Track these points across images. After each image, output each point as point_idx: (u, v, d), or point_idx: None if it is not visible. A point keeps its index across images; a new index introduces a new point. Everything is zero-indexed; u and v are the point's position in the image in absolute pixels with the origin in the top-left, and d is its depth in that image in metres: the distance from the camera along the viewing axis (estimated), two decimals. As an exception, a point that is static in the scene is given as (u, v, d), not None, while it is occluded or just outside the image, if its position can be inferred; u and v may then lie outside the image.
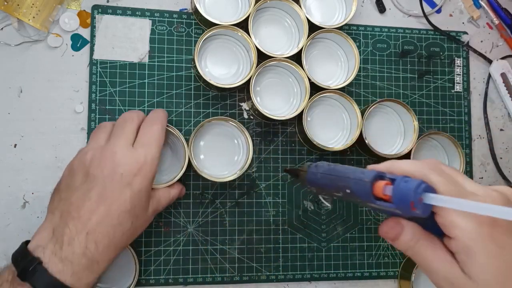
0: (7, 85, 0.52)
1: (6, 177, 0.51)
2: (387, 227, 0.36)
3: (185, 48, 0.56)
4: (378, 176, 0.33)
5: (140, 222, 0.44)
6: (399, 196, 0.31)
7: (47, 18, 0.53)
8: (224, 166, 0.54)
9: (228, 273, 0.54)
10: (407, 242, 0.35)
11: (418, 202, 0.30)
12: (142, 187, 0.43)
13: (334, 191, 0.36)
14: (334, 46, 0.59)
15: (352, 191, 0.34)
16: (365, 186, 0.33)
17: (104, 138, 0.45)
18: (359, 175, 0.34)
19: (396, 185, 0.31)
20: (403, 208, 0.31)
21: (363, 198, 0.33)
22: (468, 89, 0.63)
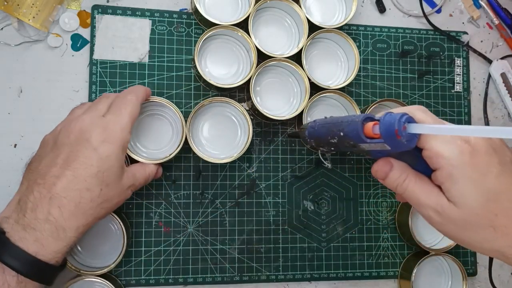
0: (7, 85, 0.52)
1: (6, 177, 0.51)
2: (377, 165, 0.38)
3: (185, 48, 0.56)
4: (368, 117, 0.36)
5: (112, 193, 0.42)
6: (384, 127, 0.33)
7: (47, 18, 0.53)
8: (224, 147, 0.54)
9: (228, 273, 0.54)
10: (396, 179, 0.37)
11: (402, 130, 0.32)
12: (110, 154, 0.41)
13: (330, 137, 0.39)
14: (334, 46, 0.59)
15: (345, 133, 0.37)
16: (356, 126, 0.35)
17: (79, 113, 0.45)
18: (351, 118, 0.37)
19: (382, 119, 0.34)
20: (390, 138, 0.33)
21: (354, 138, 0.36)
22: (468, 89, 0.63)
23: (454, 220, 0.34)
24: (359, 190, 0.59)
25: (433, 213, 0.35)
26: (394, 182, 0.37)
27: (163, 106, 0.51)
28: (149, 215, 0.53)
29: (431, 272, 0.58)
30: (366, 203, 0.58)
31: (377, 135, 0.34)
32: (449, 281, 0.58)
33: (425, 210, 0.36)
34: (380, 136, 0.34)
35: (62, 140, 0.42)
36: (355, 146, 0.37)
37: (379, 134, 0.34)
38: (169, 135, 0.52)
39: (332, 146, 0.40)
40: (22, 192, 0.40)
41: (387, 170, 0.37)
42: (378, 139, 0.34)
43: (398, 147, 0.34)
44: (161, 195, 0.54)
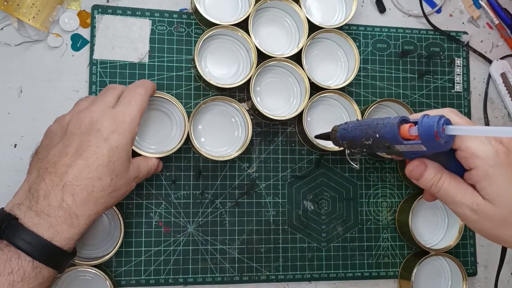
0: (7, 85, 0.52)
1: (6, 177, 0.51)
2: (412, 166, 0.39)
3: (185, 48, 0.56)
4: (403, 120, 0.37)
5: (121, 183, 0.43)
6: (424, 128, 0.34)
7: (47, 18, 0.53)
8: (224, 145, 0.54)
9: (228, 273, 0.54)
10: (431, 179, 0.38)
11: (441, 132, 0.34)
12: (120, 144, 0.42)
13: (365, 139, 0.39)
14: (334, 46, 0.59)
15: (380, 135, 0.37)
16: (393, 128, 0.36)
17: (85, 105, 0.45)
18: (387, 120, 0.38)
19: (420, 121, 0.35)
20: (428, 140, 0.34)
21: (390, 140, 0.37)
22: (468, 89, 0.63)
23: (490, 217, 0.36)
24: (359, 190, 0.59)
25: (469, 211, 0.37)
26: (429, 181, 0.38)
27: (166, 102, 0.52)
28: (149, 215, 0.53)
29: (431, 272, 0.58)
30: (366, 203, 0.58)
31: (413, 137, 0.35)
32: (449, 281, 0.58)
33: (460, 208, 0.37)
34: (418, 137, 0.35)
35: (72, 130, 0.42)
36: (390, 147, 0.38)
37: (416, 136, 0.35)
38: (171, 130, 0.53)
39: (365, 147, 0.41)
40: (32, 181, 0.41)
41: (422, 170, 0.38)
42: (415, 141, 0.35)
43: (435, 148, 0.35)
44: (161, 195, 0.54)
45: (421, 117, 0.35)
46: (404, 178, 0.59)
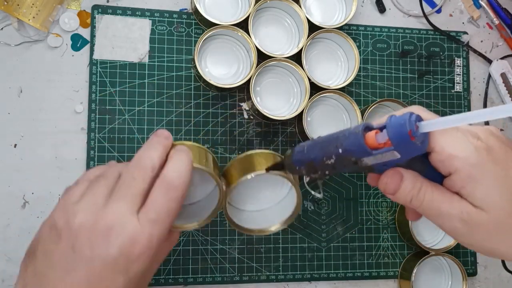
0: (7, 85, 0.52)
1: (6, 177, 0.51)
2: (386, 177, 0.33)
3: (185, 48, 0.56)
4: (367, 127, 0.31)
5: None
6: (394, 130, 0.29)
7: (47, 18, 0.53)
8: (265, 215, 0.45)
9: (228, 273, 0.54)
10: (409, 191, 0.32)
11: (415, 130, 0.29)
12: (139, 272, 0.33)
13: (326, 157, 0.33)
14: (334, 46, 0.59)
15: (344, 149, 0.32)
16: (357, 137, 0.31)
17: (103, 194, 0.34)
18: (348, 130, 0.32)
19: (388, 123, 0.29)
20: (402, 142, 0.29)
21: (357, 153, 0.31)
22: (468, 89, 0.63)
23: (485, 226, 0.30)
24: (359, 190, 0.59)
25: (459, 223, 0.31)
26: (407, 194, 0.32)
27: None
28: (149, 215, 0.53)
29: (431, 272, 0.58)
30: (366, 203, 0.58)
31: (382, 144, 0.30)
32: (449, 281, 0.58)
33: (448, 221, 0.31)
34: (390, 142, 0.29)
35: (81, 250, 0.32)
36: (357, 162, 0.32)
37: (385, 142, 0.30)
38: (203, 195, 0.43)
39: (328, 169, 0.34)
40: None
41: (397, 181, 0.32)
42: (386, 148, 0.30)
43: (410, 153, 0.30)
44: (161, 195, 0.54)
45: (387, 118, 0.30)
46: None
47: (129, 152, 0.53)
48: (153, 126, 0.54)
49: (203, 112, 0.56)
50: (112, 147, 0.53)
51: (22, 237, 0.51)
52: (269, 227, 0.43)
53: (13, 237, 0.51)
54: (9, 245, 0.50)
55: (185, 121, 0.55)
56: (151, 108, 0.54)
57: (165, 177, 0.35)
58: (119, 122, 0.54)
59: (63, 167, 0.52)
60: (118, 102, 0.54)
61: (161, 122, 0.55)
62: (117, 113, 0.54)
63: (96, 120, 0.53)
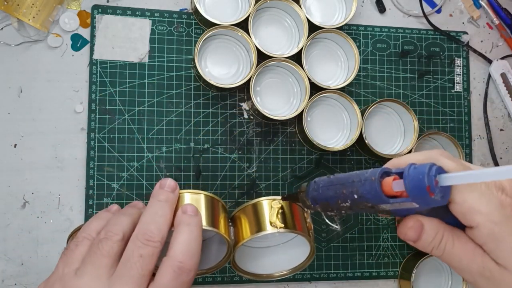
0: (7, 85, 0.52)
1: (6, 177, 0.51)
2: (405, 227, 0.32)
3: (185, 48, 0.56)
4: (384, 172, 0.30)
5: None
6: (413, 184, 0.28)
7: (47, 18, 0.53)
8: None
9: (228, 273, 0.54)
10: (431, 241, 0.31)
11: (434, 185, 0.27)
12: None
13: (341, 201, 0.33)
14: (334, 46, 0.59)
15: (360, 195, 0.31)
16: (373, 185, 0.30)
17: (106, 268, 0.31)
18: (363, 176, 0.31)
19: (407, 174, 0.28)
20: (420, 196, 0.28)
21: (373, 200, 0.30)
22: (468, 89, 0.63)
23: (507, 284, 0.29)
24: (359, 190, 0.58)
25: (480, 278, 0.30)
26: (428, 245, 0.31)
27: None
28: (149, 215, 0.53)
29: (431, 272, 0.58)
30: (366, 203, 0.58)
31: (399, 193, 0.29)
32: (449, 281, 0.58)
33: (469, 275, 0.30)
34: (406, 194, 0.28)
35: None
36: (374, 207, 0.31)
37: (403, 192, 0.28)
38: None
39: (343, 209, 0.33)
40: None
41: (418, 231, 0.31)
42: (403, 198, 0.29)
43: (429, 204, 0.29)
44: (161, 195, 0.54)
45: (407, 167, 0.28)
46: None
47: (129, 152, 0.53)
48: (153, 126, 0.54)
49: (203, 112, 0.56)
50: (112, 147, 0.53)
51: (22, 237, 0.51)
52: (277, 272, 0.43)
53: (13, 237, 0.51)
54: (9, 245, 0.50)
55: (185, 121, 0.55)
56: (151, 108, 0.54)
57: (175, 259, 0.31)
58: (119, 122, 0.54)
59: (63, 167, 0.52)
60: (118, 102, 0.54)
61: (161, 122, 0.55)
62: (117, 113, 0.54)
63: (96, 120, 0.53)
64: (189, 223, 0.33)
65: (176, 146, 0.55)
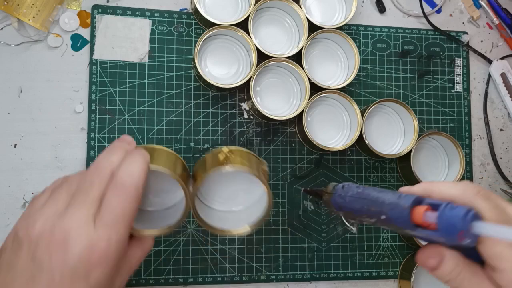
0: (7, 85, 0.52)
1: (6, 177, 0.51)
2: (425, 256, 0.33)
3: (185, 48, 0.56)
4: (417, 201, 0.30)
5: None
6: (445, 224, 0.28)
7: (47, 18, 0.53)
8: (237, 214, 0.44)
9: (228, 273, 0.54)
10: (449, 273, 0.32)
11: (467, 232, 0.28)
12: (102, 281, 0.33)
13: (366, 216, 0.33)
14: (334, 46, 0.59)
15: (388, 218, 0.31)
16: (403, 213, 0.30)
17: (63, 201, 0.34)
18: (395, 200, 0.31)
19: (441, 213, 0.28)
20: (450, 238, 0.28)
21: (400, 225, 0.31)
22: (468, 89, 0.63)
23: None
24: (359, 190, 0.58)
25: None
26: (446, 276, 0.32)
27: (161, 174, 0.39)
28: (149, 215, 0.53)
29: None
30: (366, 203, 0.58)
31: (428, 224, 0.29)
32: (449, 281, 0.58)
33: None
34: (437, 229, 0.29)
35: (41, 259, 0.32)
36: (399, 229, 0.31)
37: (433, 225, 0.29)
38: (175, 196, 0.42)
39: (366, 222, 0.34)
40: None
41: (437, 262, 0.32)
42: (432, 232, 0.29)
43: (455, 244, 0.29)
44: (161, 195, 0.54)
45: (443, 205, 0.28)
46: (404, 179, 0.59)
47: (129, 152, 0.53)
48: (153, 126, 0.54)
49: (203, 112, 0.56)
50: (112, 147, 0.53)
51: (22, 237, 0.51)
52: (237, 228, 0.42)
53: (13, 237, 0.51)
54: (9, 245, 0.50)
55: (185, 121, 0.55)
56: (151, 108, 0.54)
57: (116, 179, 0.34)
58: (119, 122, 0.54)
59: (63, 167, 0.52)
60: (118, 102, 0.54)
61: (161, 122, 0.55)
62: (117, 113, 0.54)
63: (96, 120, 0.53)
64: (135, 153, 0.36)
65: (176, 146, 0.55)
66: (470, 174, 0.62)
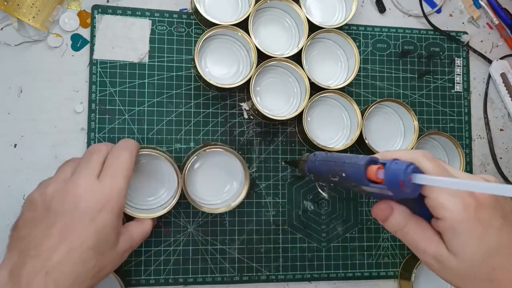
0: (7, 85, 0.52)
1: (6, 177, 0.51)
2: (377, 208, 0.38)
3: (185, 48, 0.56)
4: (372, 161, 0.35)
5: (107, 261, 0.41)
6: (389, 176, 0.33)
7: (47, 18, 0.53)
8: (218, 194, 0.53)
9: (228, 273, 0.54)
10: (396, 224, 0.37)
11: (407, 181, 0.32)
12: (108, 223, 0.40)
13: (331, 175, 0.39)
14: (334, 46, 0.59)
15: (347, 175, 0.36)
16: (359, 169, 0.35)
17: (69, 172, 0.43)
18: (354, 159, 0.36)
19: (387, 166, 0.33)
20: (394, 188, 0.33)
21: (357, 181, 0.36)
22: (468, 89, 0.63)
23: (453, 270, 0.35)
24: (359, 190, 0.59)
25: (433, 260, 0.36)
26: (393, 226, 0.37)
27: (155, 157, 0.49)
28: (149, 215, 0.53)
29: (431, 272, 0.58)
30: (366, 203, 0.58)
31: (379, 180, 0.34)
32: (449, 281, 0.58)
33: (424, 257, 0.37)
34: (384, 182, 0.34)
35: (55, 208, 0.40)
36: (357, 186, 0.37)
37: (382, 179, 0.34)
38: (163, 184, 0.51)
39: (332, 183, 0.40)
40: (14, 263, 0.38)
41: (387, 214, 0.37)
42: (381, 185, 0.34)
43: (401, 195, 0.34)
44: (161, 195, 0.54)
45: (389, 161, 0.34)
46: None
47: (129, 152, 0.53)
48: (153, 126, 0.54)
49: (203, 112, 0.56)
50: (112, 147, 0.53)
51: (22, 237, 0.51)
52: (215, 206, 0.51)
53: (13, 237, 0.51)
54: (9, 245, 0.50)
55: (185, 121, 0.55)
56: (151, 108, 0.54)
57: (114, 147, 0.45)
58: (119, 122, 0.54)
59: (63, 167, 0.52)
60: (118, 102, 0.54)
61: (161, 122, 0.55)
62: (117, 113, 0.54)
63: (96, 120, 0.53)
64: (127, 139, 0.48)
65: (176, 146, 0.55)
66: (470, 174, 0.62)
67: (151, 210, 0.50)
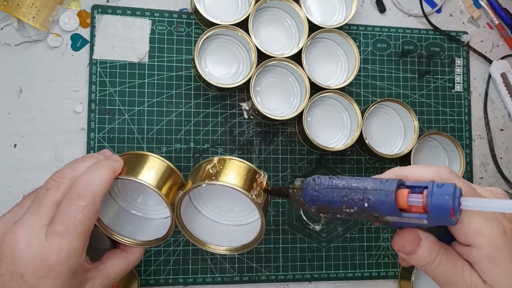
0: (7, 85, 0.52)
1: (6, 177, 0.51)
2: (403, 240, 0.32)
3: (185, 48, 0.56)
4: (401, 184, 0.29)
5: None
6: (437, 203, 0.27)
7: (47, 18, 0.53)
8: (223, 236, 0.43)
9: (228, 273, 0.54)
10: (425, 257, 0.31)
11: (458, 209, 0.27)
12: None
13: (346, 206, 0.31)
14: (334, 46, 0.59)
15: (371, 204, 0.29)
16: (389, 197, 0.28)
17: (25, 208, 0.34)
18: (379, 185, 0.29)
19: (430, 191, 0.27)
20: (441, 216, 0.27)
21: (384, 212, 0.29)
22: (468, 89, 0.63)
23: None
24: (359, 190, 0.58)
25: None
26: (423, 260, 0.32)
27: None
28: (149, 215, 0.53)
29: (431, 272, 0.58)
30: (366, 203, 0.58)
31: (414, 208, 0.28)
32: (449, 281, 0.58)
33: None
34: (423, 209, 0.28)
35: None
36: (378, 217, 0.30)
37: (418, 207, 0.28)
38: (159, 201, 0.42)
39: (343, 215, 0.32)
40: None
41: (415, 246, 0.31)
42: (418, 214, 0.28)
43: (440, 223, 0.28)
44: (161, 195, 0.54)
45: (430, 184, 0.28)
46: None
47: (129, 152, 0.53)
48: (153, 126, 0.54)
49: (203, 112, 0.56)
50: (112, 147, 0.53)
51: (22, 237, 0.51)
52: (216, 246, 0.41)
53: (13, 237, 0.51)
54: (9, 245, 0.50)
55: (185, 121, 0.55)
56: (151, 108, 0.54)
57: (73, 187, 0.33)
58: (119, 122, 0.54)
59: (63, 167, 0.52)
60: (118, 102, 0.54)
61: (161, 122, 0.55)
62: (117, 113, 0.54)
63: (96, 120, 0.53)
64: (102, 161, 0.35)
65: (176, 146, 0.55)
66: (470, 174, 0.62)
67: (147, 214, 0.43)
